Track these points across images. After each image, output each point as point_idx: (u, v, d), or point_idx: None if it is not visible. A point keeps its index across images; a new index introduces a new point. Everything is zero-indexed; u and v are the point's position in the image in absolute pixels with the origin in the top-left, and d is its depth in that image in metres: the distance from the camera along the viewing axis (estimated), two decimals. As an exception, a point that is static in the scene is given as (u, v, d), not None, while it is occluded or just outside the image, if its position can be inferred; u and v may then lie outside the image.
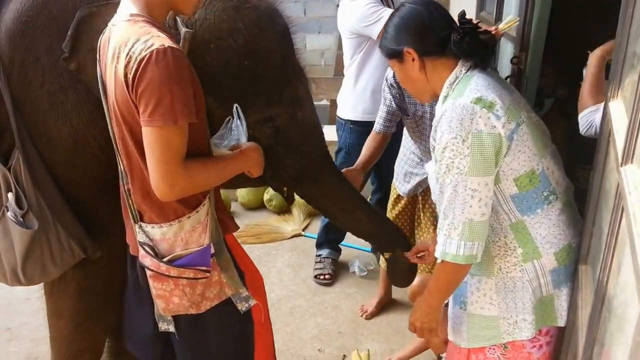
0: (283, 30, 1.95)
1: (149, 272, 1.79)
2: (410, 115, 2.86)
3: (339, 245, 3.96)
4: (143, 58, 1.52)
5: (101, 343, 2.42)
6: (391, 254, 2.38)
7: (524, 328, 1.82)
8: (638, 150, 1.31)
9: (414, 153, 3.03)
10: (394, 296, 3.53)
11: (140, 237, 1.79)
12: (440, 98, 1.84)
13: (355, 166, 2.67)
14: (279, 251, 4.18)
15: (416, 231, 3.16)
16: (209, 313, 1.88)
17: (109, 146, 1.84)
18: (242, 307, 1.93)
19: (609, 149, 1.70)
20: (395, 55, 1.85)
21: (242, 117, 1.83)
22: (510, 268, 1.82)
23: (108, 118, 1.75)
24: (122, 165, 1.78)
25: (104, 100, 1.74)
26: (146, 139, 1.58)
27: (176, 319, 1.92)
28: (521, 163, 1.75)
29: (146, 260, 1.78)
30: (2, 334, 3.27)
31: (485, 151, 1.68)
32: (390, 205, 3.26)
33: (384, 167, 3.48)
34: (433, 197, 1.96)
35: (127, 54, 1.55)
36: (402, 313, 3.38)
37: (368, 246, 4.01)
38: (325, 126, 3.33)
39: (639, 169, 1.29)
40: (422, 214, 3.09)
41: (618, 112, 1.60)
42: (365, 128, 3.10)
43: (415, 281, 2.58)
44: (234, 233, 2.00)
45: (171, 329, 1.93)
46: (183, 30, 1.72)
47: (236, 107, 1.82)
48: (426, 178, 2.96)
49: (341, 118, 3.63)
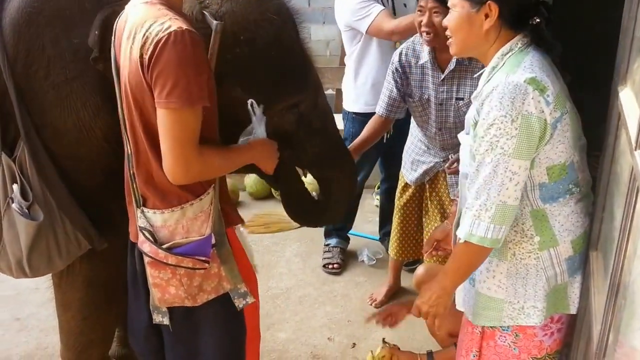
0: (297, 19, 2.01)
1: (147, 259, 1.77)
2: (416, 99, 2.85)
3: (347, 234, 3.95)
4: (160, 39, 1.52)
5: (110, 333, 2.43)
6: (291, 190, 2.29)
7: (532, 315, 1.81)
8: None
9: (421, 141, 3.02)
10: (403, 284, 3.53)
11: (140, 222, 1.78)
12: (487, 68, 1.78)
13: (349, 147, 2.69)
14: (288, 241, 4.17)
15: (424, 219, 3.15)
16: (205, 307, 1.84)
17: (115, 137, 1.85)
18: (240, 304, 1.89)
19: (619, 133, 1.69)
20: (473, 1, 1.73)
21: (259, 113, 1.86)
22: (524, 255, 1.80)
23: (119, 99, 1.75)
24: (129, 148, 1.77)
25: (117, 81, 1.74)
26: (161, 121, 1.58)
27: (171, 312, 1.88)
28: (558, 153, 1.72)
29: (145, 246, 1.76)
30: (12, 324, 3.27)
31: (532, 134, 1.64)
32: (398, 193, 3.25)
33: (392, 157, 3.49)
34: (462, 169, 1.90)
35: (144, 35, 1.55)
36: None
37: (377, 235, 4.02)
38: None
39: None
40: (430, 202, 3.09)
41: (628, 96, 1.59)
42: (368, 119, 3.12)
43: (419, 270, 2.55)
44: (241, 229, 2.00)
45: (165, 322, 1.89)
46: (214, 22, 1.73)
47: (251, 103, 1.84)
48: (432, 166, 2.97)
49: (345, 109, 3.65)
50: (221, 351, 1.94)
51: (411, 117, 3.05)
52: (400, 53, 2.86)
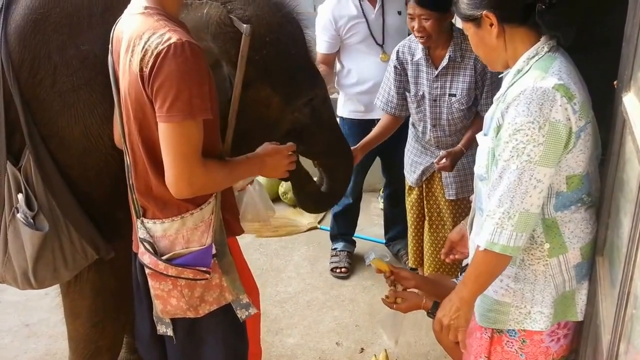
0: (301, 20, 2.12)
1: (148, 271, 1.76)
2: (412, 94, 2.94)
3: (353, 237, 3.96)
4: (160, 52, 1.50)
5: (118, 340, 2.43)
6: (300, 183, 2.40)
7: (539, 320, 1.80)
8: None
9: (418, 142, 3.09)
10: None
11: (141, 233, 1.77)
12: (512, 71, 1.75)
13: (357, 145, 2.85)
14: (296, 244, 4.18)
15: (425, 222, 3.17)
16: (207, 319, 1.83)
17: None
18: (242, 315, 1.87)
19: (624, 140, 1.68)
20: (471, 19, 1.74)
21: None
22: (533, 261, 1.79)
23: (118, 110, 1.74)
24: (128, 159, 1.77)
25: (115, 92, 1.73)
26: (163, 135, 1.56)
27: (174, 323, 1.87)
28: (578, 162, 1.70)
29: (145, 257, 1.75)
30: (21, 330, 3.29)
31: (558, 142, 1.62)
32: (406, 196, 3.28)
33: (391, 162, 3.56)
34: (477, 170, 1.86)
35: (143, 48, 1.53)
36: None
37: (383, 238, 4.02)
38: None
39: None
40: (426, 203, 3.13)
41: (632, 103, 1.58)
42: (353, 125, 3.28)
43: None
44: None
45: (169, 333, 1.88)
46: (244, 26, 1.76)
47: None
48: (429, 166, 3.00)
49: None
50: None
51: (409, 121, 3.12)
52: (397, 51, 2.96)
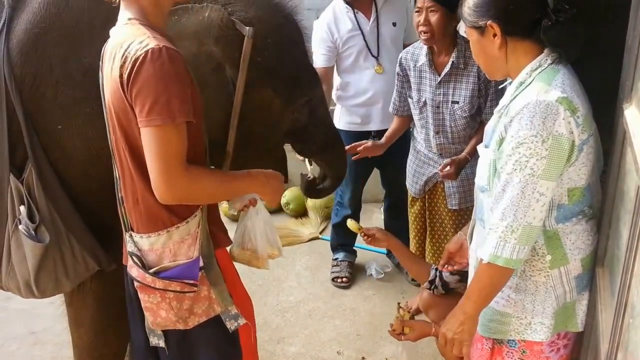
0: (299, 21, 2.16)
1: (137, 283, 1.75)
2: (414, 100, 2.97)
3: (354, 247, 3.96)
4: (138, 57, 1.50)
5: (122, 348, 2.43)
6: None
7: (539, 330, 1.80)
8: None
9: (421, 152, 3.10)
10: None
11: (129, 247, 1.77)
12: (514, 83, 1.75)
13: (381, 140, 3.07)
14: (297, 254, 4.19)
15: (427, 232, 3.18)
16: (198, 330, 1.82)
17: None
18: (231, 326, 1.85)
19: (624, 151, 1.69)
20: (475, 26, 1.74)
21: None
22: (534, 272, 1.79)
23: (106, 122, 1.74)
24: (116, 171, 1.77)
25: (104, 104, 1.73)
26: (145, 140, 1.56)
27: (166, 334, 1.86)
28: (581, 175, 1.71)
29: (133, 270, 1.75)
30: (27, 338, 3.30)
31: (561, 155, 1.62)
32: (409, 205, 3.29)
33: (391, 174, 3.58)
34: (477, 182, 1.87)
35: (123, 54, 1.54)
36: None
37: (384, 249, 4.02)
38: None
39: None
40: (428, 214, 3.14)
41: (633, 115, 1.59)
42: (349, 137, 3.26)
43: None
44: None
45: (161, 344, 1.87)
46: (246, 28, 1.79)
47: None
48: (432, 176, 3.01)
49: None
50: None
51: (410, 132, 3.16)
52: (401, 57, 3.00)
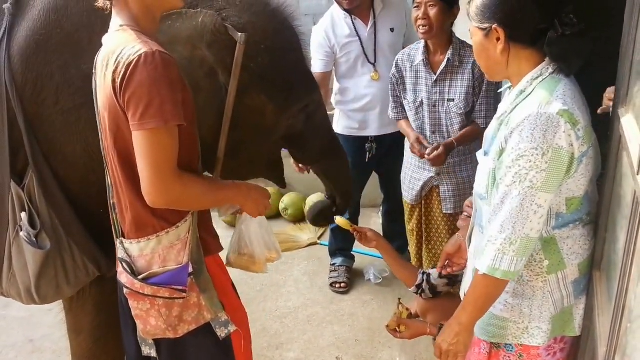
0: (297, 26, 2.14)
1: (126, 290, 1.74)
2: (410, 101, 2.98)
3: (352, 252, 3.97)
4: (131, 62, 1.51)
5: (121, 356, 2.38)
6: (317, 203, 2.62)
7: (536, 335, 1.81)
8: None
9: (414, 158, 3.08)
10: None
11: (119, 253, 1.77)
12: (515, 91, 1.74)
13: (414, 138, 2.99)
14: (296, 260, 4.19)
15: (423, 239, 3.19)
16: (189, 339, 1.80)
17: None
18: (222, 334, 1.83)
19: (620, 156, 1.69)
20: (480, 28, 1.72)
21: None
22: (532, 277, 1.80)
23: (99, 129, 1.75)
24: (109, 178, 1.78)
25: (97, 113, 1.73)
26: (137, 144, 1.56)
27: (157, 344, 1.84)
28: (579, 186, 1.71)
29: (122, 277, 1.75)
30: (25, 346, 3.30)
31: (560, 169, 1.62)
32: (407, 216, 3.29)
33: (389, 178, 3.57)
34: (477, 189, 1.86)
35: (116, 60, 1.54)
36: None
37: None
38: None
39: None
40: (424, 219, 3.14)
41: (629, 121, 1.60)
42: (347, 141, 3.26)
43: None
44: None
45: (153, 354, 1.86)
46: (238, 34, 1.78)
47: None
48: (427, 181, 3.01)
49: None
50: None
51: (405, 138, 3.14)
52: (397, 58, 3.01)
